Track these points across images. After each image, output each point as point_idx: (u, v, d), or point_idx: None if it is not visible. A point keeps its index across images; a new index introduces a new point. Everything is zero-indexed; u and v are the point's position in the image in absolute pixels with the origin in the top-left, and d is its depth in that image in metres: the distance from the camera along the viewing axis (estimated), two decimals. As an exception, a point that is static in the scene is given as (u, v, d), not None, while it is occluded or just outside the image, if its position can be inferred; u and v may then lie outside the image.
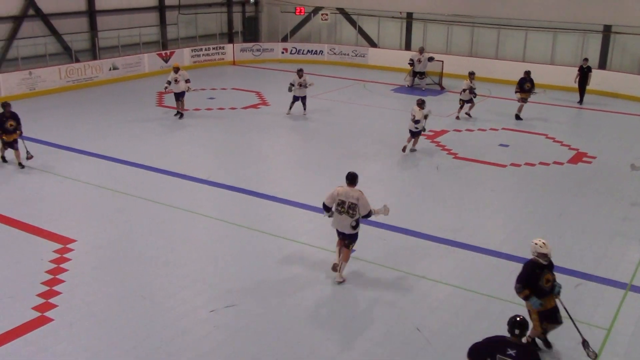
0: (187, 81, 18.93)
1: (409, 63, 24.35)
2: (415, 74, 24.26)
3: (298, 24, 31.13)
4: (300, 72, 19.28)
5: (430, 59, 23.99)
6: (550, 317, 7.71)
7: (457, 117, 19.53)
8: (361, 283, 9.56)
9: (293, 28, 31.18)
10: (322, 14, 29.82)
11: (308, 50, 29.78)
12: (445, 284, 9.63)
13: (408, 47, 28.36)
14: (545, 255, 7.58)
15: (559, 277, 9.74)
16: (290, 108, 19.64)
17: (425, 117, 15.61)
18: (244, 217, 11.90)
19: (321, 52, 29.66)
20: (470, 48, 26.97)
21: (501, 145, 16.97)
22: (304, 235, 11.17)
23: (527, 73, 19.72)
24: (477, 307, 8.97)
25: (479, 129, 18.34)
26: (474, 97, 19.29)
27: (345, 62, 29.04)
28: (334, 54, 29.44)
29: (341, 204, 9.37)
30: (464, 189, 13.67)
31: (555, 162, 15.55)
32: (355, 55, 28.99)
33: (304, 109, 19.56)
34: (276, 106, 20.97)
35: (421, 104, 15.63)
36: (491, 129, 18.51)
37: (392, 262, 10.25)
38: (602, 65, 24.31)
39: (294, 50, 29.82)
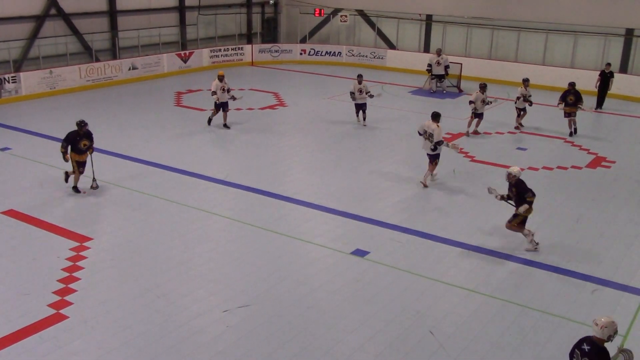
0: (228, 91, 17.99)
1: (427, 69, 24.14)
2: (434, 77, 24.03)
3: (317, 26, 31.16)
4: (359, 78, 18.50)
5: (447, 67, 23.70)
6: None
7: (516, 127, 18.71)
8: (375, 285, 9.54)
9: (312, 29, 31.22)
10: (341, 16, 29.82)
11: (326, 52, 29.80)
12: (460, 287, 9.57)
13: (427, 49, 28.25)
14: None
15: (575, 283, 9.70)
16: (357, 116, 18.82)
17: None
18: (259, 218, 11.93)
19: (339, 53, 29.65)
20: (489, 50, 26.81)
21: (519, 148, 16.85)
22: (319, 237, 11.17)
23: (572, 85, 18.13)
24: (492, 311, 8.91)
25: (496, 132, 18.21)
26: (529, 105, 18.42)
27: (363, 63, 29.00)
28: (353, 55, 29.42)
29: (424, 133, 13.43)
30: (480, 193, 13.56)
31: (573, 167, 15.40)
32: (374, 57, 28.95)
33: (364, 118, 18.74)
34: (293, 107, 21.01)
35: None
36: (509, 132, 18.37)
37: (407, 264, 10.21)
38: (624, 69, 24.04)
39: (312, 52, 29.86)
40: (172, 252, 10.47)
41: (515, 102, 18.69)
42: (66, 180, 13.15)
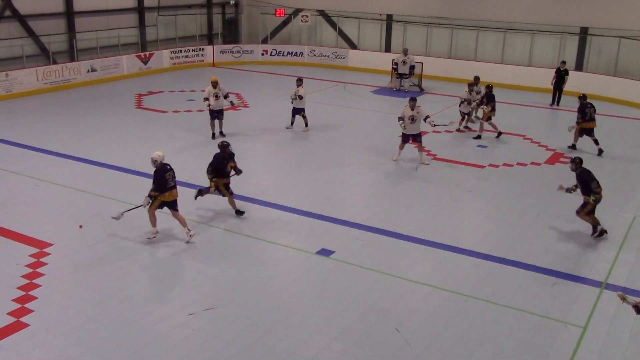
0: (226, 96, 17.13)
1: (392, 67, 24.44)
2: (399, 75, 24.30)
3: (278, 26, 31.12)
4: (298, 82, 17.81)
5: (412, 67, 24.02)
6: None
7: (459, 129, 18.39)
8: (340, 284, 9.58)
9: (273, 30, 31.17)
10: (302, 16, 29.84)
11: (288, 52, 29.79)
12: (424, 284, 9.68)
13: (388, 48, 28.48)
14: None
15: (536, 277, 9.91)
16: (292, 123, 18.23)
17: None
18: (223, 220, 11.87)
19: (301, 53, 29.67)
20: (449, 50, 27.15)
21: (480, 146, 17.10)
22: (284, 238, 11.17)
23: (585, 97, 16.61)
24: (455, 307, 9.03)
25: (457, 130, 18.45)
26: (477, 106, 18.16)
27: (325, 63, 29.09)
28: (314, 55, 29.47)
29: (405, 117, 14.89)
30: (443, 190, 13.75)
31: (532, 163, 15.70)
32: (336, 57, 29.05)
33: (305, 124, 18.09)
34: (256, 108, 20.95)
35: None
36: (470, 130, 18.63)
37: (371, 263, 10.28)
38: (579, 67, 24.61)
39: (274, 52, 29.81)
40: (134, 256, 10.34)
41: (460, 106, 18.53)
42: (195, 198, 12.13)
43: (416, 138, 15.24)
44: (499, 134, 17.81)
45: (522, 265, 10.34)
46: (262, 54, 29.76)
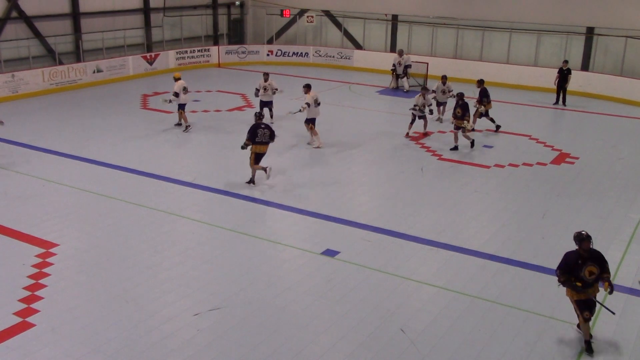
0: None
1: (391, 69, 24.61)
2: (397, 76, 24.44)
3: (284, 26, 31.14)
4: (265, 76, 18.61)
5: (408, 67, 24.10)
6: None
7: (407, 135, 17.81)
8: (345, 285, 9.57)
9: (279, 30, 31.18)
10: (307, 16, 29.84)
11: (294, 53, 29.80)
12: (430, 284, 9.66)
13: (393, 49, 28.43)
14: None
15: (542, 278, 9.88)
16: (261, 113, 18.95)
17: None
18: (229, 220, 11.88)
19: (307, 54, 29.68)
20: (455, 50, 27.11)
21: (485, 146, 17.07)
22: (289, 238, 11.17)
23: (483, 82, 18.21)
24: (461, 308, 9.01)
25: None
26: (430, 113, 17.67)
27: (330, 64, 29.10)
28: (320, 56, 29.48)
29: (316, 100, 16.25)
30: (449, 191, 13.73)
31: (538, 163, 15.66)
32: (341, 57, 29.05)
33: (271, 116, 18.76)
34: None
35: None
36: (475, 130, 18.58)
37: (377, 263, 10.27)
38: (585, 66, 24.54)
39: (279, 53, 29.83)
40: (140, 256, 10.35)
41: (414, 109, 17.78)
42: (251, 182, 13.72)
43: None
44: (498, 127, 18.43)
45: (528, 265, 10.31)
46: (268, 55, 29.79)
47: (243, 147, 13.47)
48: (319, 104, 16.54)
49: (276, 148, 16.77)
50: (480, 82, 18.33)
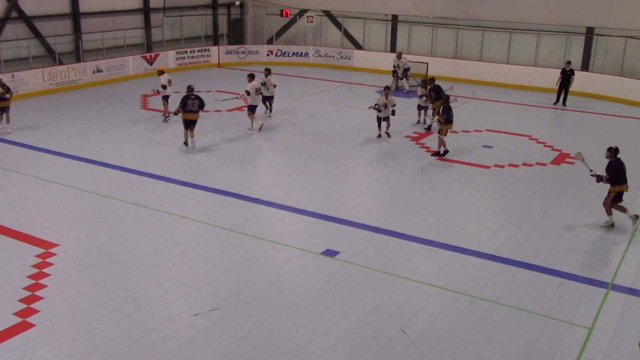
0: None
1: (392, 70, 24.61)
2: (397, 77, 24.48)
3: (284, 27, 31.15)
4: (266, 71, 19.20)
5: (407, 69, 24.14)
6: None
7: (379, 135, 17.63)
8: (345, 285, 9.57)
9: (278, 30, 31.19)
10: (307, 17, 29.85)
11: (293, 53, 29.81)
12: (430, 285, 9.66)
13: (393, 49, 28.46)
14: None
15: (542, 278, 9.88)
16: (266, 109, 19.62)
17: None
18: (229, 220, 11.88)
19: (307, 54, 29.69)
20: (454, 50, 27.11)
21: (485, 146, 17.07)
22: (289, 238, 11.17)
23: (434, 80, 18.46)
24: (461, 308, 9.01)
25: (463, 131, 18.43)
26: (392, 114, 17.44)
27: (330, 64, 29.11)
28: (320, 56, 29.48)
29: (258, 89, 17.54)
30: (449, 191, 13.73)
31: (538, 163, 15.66)
32: (341, 58, 29.06)
33: (270, 110, 19.55)
34: (261, 108, 20.91)
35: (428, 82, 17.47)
36: (475, 130, 18.60)
37: (377, 263, 10.27)
38: (585, 67, 24.54)
39: (279, 53, 29.84)
40: (140, 257, 10.35)
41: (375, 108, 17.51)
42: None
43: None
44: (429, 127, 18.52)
45: (528, 265, 10.31)
46: (268, 55, 29.79)
47: (175, 113, 16.36)
48: (261, 93, 18.10)
49: (276, 148, 16.78)
50: (432, 81, 18.48)
